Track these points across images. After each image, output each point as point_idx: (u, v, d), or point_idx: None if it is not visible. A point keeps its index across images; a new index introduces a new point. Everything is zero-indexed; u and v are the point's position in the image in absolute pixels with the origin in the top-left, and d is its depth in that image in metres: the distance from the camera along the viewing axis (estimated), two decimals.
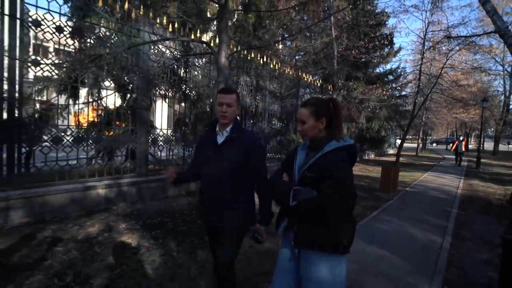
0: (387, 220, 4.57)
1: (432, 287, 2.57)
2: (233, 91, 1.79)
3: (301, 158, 1.51)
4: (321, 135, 1.46)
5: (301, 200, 1.34)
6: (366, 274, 2.79)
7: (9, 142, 3.90)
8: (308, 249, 1.39)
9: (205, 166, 1.80)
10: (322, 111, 1.45)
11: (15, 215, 3.73)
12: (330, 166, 1.33)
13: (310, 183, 1.36)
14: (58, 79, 4.46)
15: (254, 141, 1.79)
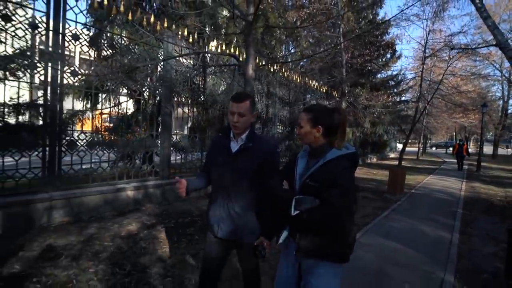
0: (398, 219, 4.97)
1: (447, 274, 2.96)
2: (246, 98, 1.64)
3: (302, 166, 1.49)
4: (320, 142, 1.45)
5: (305, 210, 1.31)
6: (387, 263, 3.17)
7: (51, 146, 4.25)
8: (312, 258, 1.39)
9: (218, 174, 1.72)
10: (320, 119, 1.43)
11: (57, 214, 4.08)
12: (333, 175, 1.32)
13: (312, 192, 1.35)
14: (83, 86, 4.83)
15: (272, 149, 1.71)
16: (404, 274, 2.95)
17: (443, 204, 6.35)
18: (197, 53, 5.34)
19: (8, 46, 3.92)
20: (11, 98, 4.01)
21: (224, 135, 1.74)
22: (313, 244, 1.36)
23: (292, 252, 1.44)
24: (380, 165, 13.92)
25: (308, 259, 1.40)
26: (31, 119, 4.25)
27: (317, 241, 1.35)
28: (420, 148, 22.94)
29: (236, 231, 1.66)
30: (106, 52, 4.96)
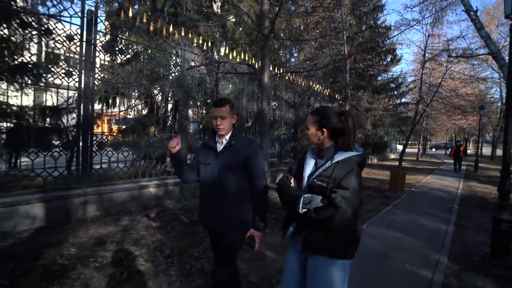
0: (399, 214, 5.49)
1: (441, 257, 3.47)
2: (226, 103, 1.87)
3: (310, 165, 1.56)
4: (327, 144, 1.53)
5: (313, 209, 1.37)
6: (390, 248, 3.68)
7: (84, 147, 4.73)
8: (316, 254, 1.47)
9: (207, 172, 1.89)
10: (324, 122, 1.50)
11: (90, 208, 4.57)
12: (340, 177, 1.39)
13: (319, 191, 1.42)
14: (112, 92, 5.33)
15: (253, 149, 1.89)
16: (404, 256, 3.46)
17: (440, 201, 6.89)
18: (219, 62, 5.83)
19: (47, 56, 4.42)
20: (51, 103, 4.51)
21: (210, 138, 1.95)
22: (319, 241, 1.44)
23: (298, 247, 1.51)
24: (381, 165, 14.47)
25: (313, 255, 1.48)
26: (68, 122, 4.75)
27: (322, 239, 1.42)
28: (420, 149, 23.53)
29: (223, 223, 1.84)
30: (132, 60, 5.45)
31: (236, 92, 7.46)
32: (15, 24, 4.02)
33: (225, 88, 7.53)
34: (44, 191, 4.19)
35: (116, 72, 5.09)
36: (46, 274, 2.69)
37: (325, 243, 1.42)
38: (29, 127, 4.25)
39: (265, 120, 4.69)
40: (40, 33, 4.23)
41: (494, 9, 22.33)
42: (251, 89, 7.82)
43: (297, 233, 1.53)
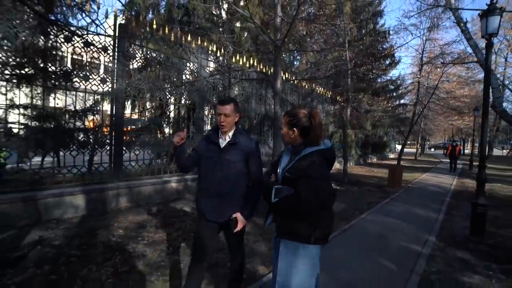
0: (396, 205, 6.21)
1: (430, 237, 4.17)
2: (230, 102, 2.00)
3: (285, 161, 1.77)
4: (298, 141, 1.72)
5: (281, 197, 1.59)
6: (388, 230, 4.39)
7: (117, 146, 5.38)
8: (286, 239, 1.66)
9: (210, 167, 2.01)
10: (294, 122, 1.70)
11: (122, 200, 5.23)
12: (304, 168, 1.57)
13: (289, 182, 1.61)
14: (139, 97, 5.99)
15: (253, 147, 2.04)
16: (399, 236, 4.16)
17: (434, 195, 7.61)
18: (237, 70, 6.51)
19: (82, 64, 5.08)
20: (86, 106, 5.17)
21: (213, 133, 2.07)
22: (288, 226, 1.63)
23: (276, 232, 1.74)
24: (380, 164, 15.22)
25: (285, 239, 1.67)
26: (102, 123, 5.41)
27: (290, 224, 1.61)
28: (418, 149, 24.32)
29: (225, 214, 1.95)
30: (155, 67, 6.11)
31: (246, 95, 8.14)
32: (62, 37, 4.69)
33: (237, 92, 8.19)
34: (84, 185, 4.85)
35: (143, 79, 5.75)
36: (107, 248, 3.36)
37: (292, 228, 1.60)
38: (73, 128, 4.94)
39: (278, 122, 5.36)
40: (81, 45, 4.89)
41: None
42: (259, 93, 8.50)
43: (274, 221, 1.75)
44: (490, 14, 3.68)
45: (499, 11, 3.65)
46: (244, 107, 8.10)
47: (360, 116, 10.28)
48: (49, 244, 3.36)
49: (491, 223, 4.86)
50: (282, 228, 1.67)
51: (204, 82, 6.82)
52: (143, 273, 2.85)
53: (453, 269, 3.23)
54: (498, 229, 4.74)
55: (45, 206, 4.28)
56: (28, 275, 2.68)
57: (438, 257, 3.54)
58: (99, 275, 2.76)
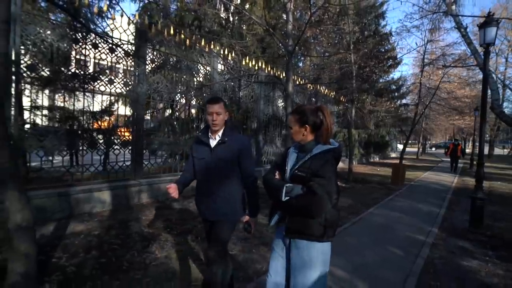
0: (400, 200, 6.63)
1: (433, 228, 4.59)
2: (220, 100, 2.03)
3: (292, 159, 1.75)
4: (308, 139, 1.70)
5: (293, 196, 1.57)
6: (393, 222, 4.81)
7: (138, 145, 5.78)
8: (298, 238, 1.64)
9: (202, 167, 2.05)
10: (305, 119, 1.67)
11: (143, 196, 5.63)
12: (317, 167, 1.57)
13: (299, 181, 1.60)
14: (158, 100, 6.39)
15: (244, 144, 2.07)
16: (404, 228, 4.58)
17: (436, 192, 8.04)
18: (250, 75, 6.92)
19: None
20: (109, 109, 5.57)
21: (203, 134, 2.10)
22: (300, 226, 1.62)
23: (282, 234, 1.72)
24: (382, 163, 15.66)
25: (295, 239, 1.66)
26: (125, 125, 5.81)
27: (303, 223, 1.61)
28: (419, 149, 24.77)
29: (218, 212, 2.01)
30: (171, 70, 6.51)
31: (255, 97, 8.54)
32: (90, 45, 5.08)
33: (246, 94, 8.59)
34: (109, 181, 5.25)
35: (161, 82, 6.15)
36: (142, 238, 3.76)
37: (305, 227, 1.60)
38: (100, 129, 5.34)
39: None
40: (106, 51, 5.29)
41: None
42: (267, 94, 8.91)
43: (281, 221, 1.72)
44: (487, 25, 4.08)
45: (495, 22, 4.06)
46: (253, 108, 8.51)
47: (364, 116, 10.69)
48: (90, 234, 3.76)
49: (489, 217, 5.28)
50: (293, 228, 1.65)
51: (217, 84, 7.23)
52: (178, 258, 3.25)
53: (454, 255, 3.64)
54: (496, 222, 5.15)
55: (77, 201, 4.68)
56: (80, 259, 3.08)
57: (440, 245, 3.95)
58: (142, 259, 3.16)
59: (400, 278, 2.94)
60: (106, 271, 2.85)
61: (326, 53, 12.01)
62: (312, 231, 1.60)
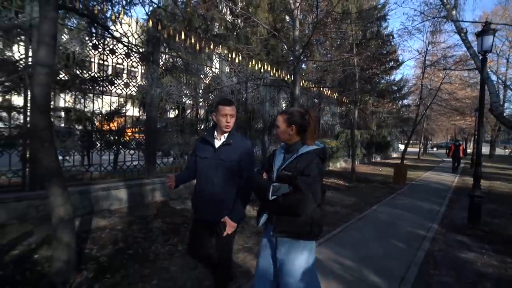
0: (401, 199, 6.94)
1: (433, 224, 4.89)
2: (233, 103, 2.08)
3: (279, 159, 1.82)
4: (294, 140, 1.77)
5: (280, 195, 1.62)
6: (395, 219, 5.12)
7: (152, 145, 6.07)
8: (285, 237, 1.69)
9: (204, 166, 2.07)
10: (293, 120, 1.74)
11: (157, 194, 5.93)
12: (303, 166, 1.62)
13: (286, 180, 1.66)
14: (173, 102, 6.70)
15: (248, 147, 2.11)
16: (406, 224, 4.89)
17: (436, 191, 8.34)
18: (260, 78, 7.22)
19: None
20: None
21: (209, 133, 2.15)
22: (286, 224, 1.66)
23: (270, 233, 1.76)
24: (384, 163, 15.94)
25: (282, 237, 1.71)
26: (138, 126, 6.11)
27: (289, 221, 1.65)
28: (420, 149, 25.06)
29: (218, 213, 2.01)
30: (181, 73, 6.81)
31: (260, 98, 8.84)
32: (108, 50, 5.38)
33: (252, 96, 8.88)
34: (125, 180, 5.55)
35: (173, 84, 6.46)
36: (162, 232, 4.06)
37: (291, 225, 1.65)
38: (117, 130, 5.65)
39: None
40: (122, 56, 5.59)
41: (492, 14, 23.84)
42: (272, 96, 9.20)
43: (269, 221, 1.78)
44: (485, 34, 4.38)
45: (492, 31, 4.35)
46: (258, 110, 8.81)
47: (366, 117, 11.00)
48: (114, 229, 4.06)
49: (488, 214, 5.58)
50: (279, 227, 1.69)
51: (225, 87, 7.53)
52: None
53: (453, 248, 3.94)
54: (494, 219, 5.45)
55: (96, 198, 4.98)
56: (110, 250, 3.39)
57: (440, 239, 4.25)
58: (166, 251, 3.47)
59: (403, 267, 3.24)
60: (135, 261, 3.16)
61: (328, 55, 12.37)
62: (298, 229, 1.65)
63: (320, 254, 3.50)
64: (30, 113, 2.80)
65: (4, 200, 4.01)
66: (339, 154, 11.97)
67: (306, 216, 1.63)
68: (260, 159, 8.87)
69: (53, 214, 2.78)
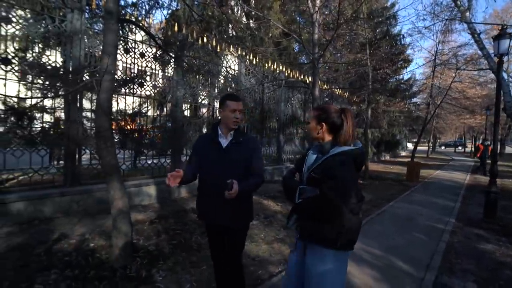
0: (416, 195, 7.23)
1: (450, 219, 5.17)
2: (240, 98, 2.01)
3: (311, 159, 1.70)
4: (326, 139, 1.65)
5: (305, 198, 1.56)
6: (414, 214, 5.41)
7: (177, 145, 6.38)
8: (310, 242, 1.61)
9: (210, 167, 1.94)
10: (323, 117, 1.64)
11: (182, 191, 6.27)
12: (331, 168, 1.51)
13: (315, 183, 1.55)
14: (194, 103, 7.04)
15: (256, 144, 2.05)
16: (424, 218, 5.17)
17: (450, 188, 8.61)
18: (280, 80, 7.53)
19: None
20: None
21: (213, 132, 2.01)
22: (312, 229, 1.56)
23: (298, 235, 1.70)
24: (393, 162, 16.17)
25: (308, 242, 1.62)
26: (164, 126, 6.45)
27: (315, 227, 1.55)
28: (429, 147, 25.18)
29: (227, 217, 1.92)
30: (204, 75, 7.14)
31: (276, 98, 9.14)
32: (138, 54, 5.73)
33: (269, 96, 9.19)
34: (153, 177, 5.89)
35: (195, 85, 6.80)
36: (198, 224, 4.38)
37: (317, 231, 1.54)
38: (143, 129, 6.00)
39: None
40: (151, 59, 5.93)
41: (503, 12, 23.84)
42: (287, 96, 9.50)
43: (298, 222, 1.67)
44: (501, 38, 4.63)
45: (509, 35, 4.60)
46: (274, 109, 9.12)
47: (378, 116, 11.26)
48: (152, 222, 4.40)
49: (502, 210, 5.83)
50: (306, 231, 1.62)
51: (243, 87, 7.84)
52: None
53: (471, 240, 4.22)
54: (508, 214, 5.70)
55: (129, 194, 5.31)
56: (155, 241, 3.72)
57: (459, 232, 4.54)
58: (205, 242, 3.78)
59: (427, 255, 3.54)
60: (181, 250, 3.49)
61: (338, 54, 12.61)
62: (323, 235, 1.53)
63: None
64: (95, 116, 3.12)
65: (51, 195, 4.38)
66: None
67: (335, 222, 1.51)
68: (275, 158, 9.19)
69: (112, 206, 3.12)
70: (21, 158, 4.29)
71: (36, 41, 4.50)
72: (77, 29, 4.73)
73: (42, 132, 4.45)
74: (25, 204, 4.12)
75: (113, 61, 2.93)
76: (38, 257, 3.07)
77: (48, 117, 4.73)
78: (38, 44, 4.56)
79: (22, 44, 4.34)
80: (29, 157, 4.37)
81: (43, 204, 4.29)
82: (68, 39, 4.67)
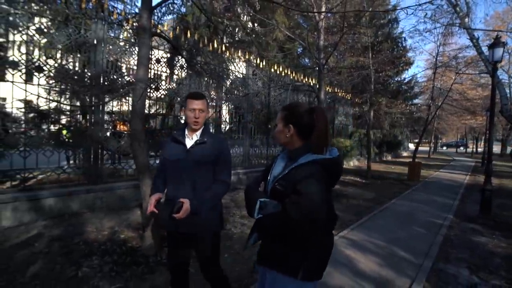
0: (417, 194, 7.63)
1: (449, 215, 5.57)
2: (203, 96, 1.85)
3: (278, 168, 1.42)
4: (296, 145, 1.38)
5: (264, 215, 1.29)
6: (414, 210, 5.82)
7: None
8: (268, 268, 1.36)
9: (176, 169, 1.83)
10: (291, 118, 1.37)
11: None
12: (298, 181, 1.25)
13: (279, 196, 1.29)
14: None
15: (224, 145, 1.92)
16: (424, 214, 5.57)
17: (449, 187, 9.01)
18: (288, 84, 7.94)
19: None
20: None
21: (179, 132, 1.91)
22: (272, 253, 1.34)
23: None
24: (395, 162, 16.58)
25: (266, 267, 1.38)
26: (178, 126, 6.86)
27: (275, 250, 1.32)
28: (431, 148, 25.58)
29: (195, 224, 1.75)
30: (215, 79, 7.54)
31: (282, 100, 9.55)
32: (154, 60, 6.14)
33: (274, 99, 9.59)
34: None
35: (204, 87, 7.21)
36: None
37: (277, 256, 1.32)
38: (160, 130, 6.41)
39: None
40: (165, 64, 6.34)
41: (504, 14, 24.18)
42: (292, 98, 9.91)
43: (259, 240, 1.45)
44: (495, 46, 5.04)
45: (502, 44, 5.01)
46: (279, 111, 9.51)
47: (380, 117, 11.66)
48: None
49: (498, 208, 6.23)
50: (263, 254, 1.40)
51: (251, 90, 8.25)
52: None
53: (467, 234, 4.62)
54: (503, 211, 6.10)
55: None
56: None
57: (455, 227, 4.94)
58: (223, 234, 4.19)
59: (425, 246, 3.95)
60: None
61: (339, 56, 13.02)
62: (285, 263, 1.30)
63: (354, 236, 4.22)
64: (131, 119, 3.51)
65: (77, 192, 4.79)
66: (353, 153, 12.66)
67: (298, 245, 1.29)
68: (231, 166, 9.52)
69: (144, 201, 3.52)
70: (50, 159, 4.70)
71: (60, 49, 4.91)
72: (100, 38, 5.15)
73: (72, 133, 4.86)
74: (55, 200, 4.53)
75: (146, 71, 3.34)
76: (78, 246, 3.48)
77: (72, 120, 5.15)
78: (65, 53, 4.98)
79: (52, 53, 4.76)
80: (58, 157, 4.78)
81: (71, 201, 4.70)
82: (91, 48, 5.08)
